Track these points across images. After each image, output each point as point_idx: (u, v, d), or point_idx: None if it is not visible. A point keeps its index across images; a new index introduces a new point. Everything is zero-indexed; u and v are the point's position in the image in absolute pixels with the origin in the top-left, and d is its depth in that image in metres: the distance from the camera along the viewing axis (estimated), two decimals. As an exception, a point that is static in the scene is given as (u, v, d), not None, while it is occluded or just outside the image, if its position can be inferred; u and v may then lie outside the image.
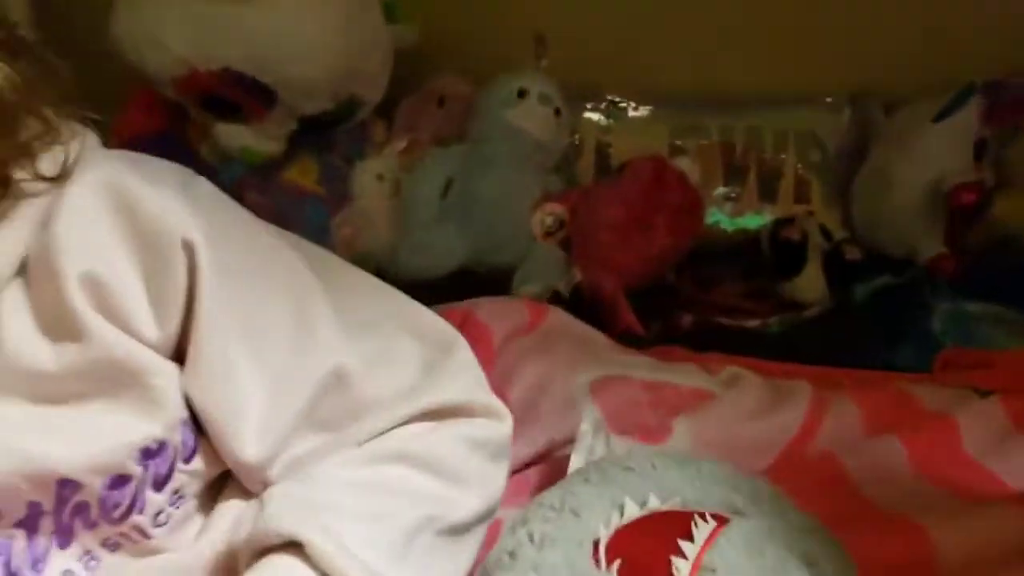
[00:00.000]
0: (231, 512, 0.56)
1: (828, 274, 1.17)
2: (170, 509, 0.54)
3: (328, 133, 1.21)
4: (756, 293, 1.18)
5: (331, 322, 0.55)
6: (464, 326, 0.89)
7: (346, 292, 0.58)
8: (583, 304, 1.12)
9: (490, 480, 0.58)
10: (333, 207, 1.20)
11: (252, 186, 1.15)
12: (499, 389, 0.63)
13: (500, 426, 0.59)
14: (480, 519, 0.57)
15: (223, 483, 0.57)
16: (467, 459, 0.57)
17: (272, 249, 0.57)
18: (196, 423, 0.54)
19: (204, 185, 0.56)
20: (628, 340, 1.04)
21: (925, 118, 1.20)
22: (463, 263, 1.19)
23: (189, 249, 0.51)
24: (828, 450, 0.79)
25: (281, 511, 0.50)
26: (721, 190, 1.26)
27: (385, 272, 1.18)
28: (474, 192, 1.19)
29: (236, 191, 0.71)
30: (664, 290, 1.17)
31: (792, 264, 1.17)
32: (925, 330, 1.08)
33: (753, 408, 0.83)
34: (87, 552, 0.53)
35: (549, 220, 1.20)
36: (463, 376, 0.59)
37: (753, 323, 1.13)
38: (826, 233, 1.20)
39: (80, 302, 0.50)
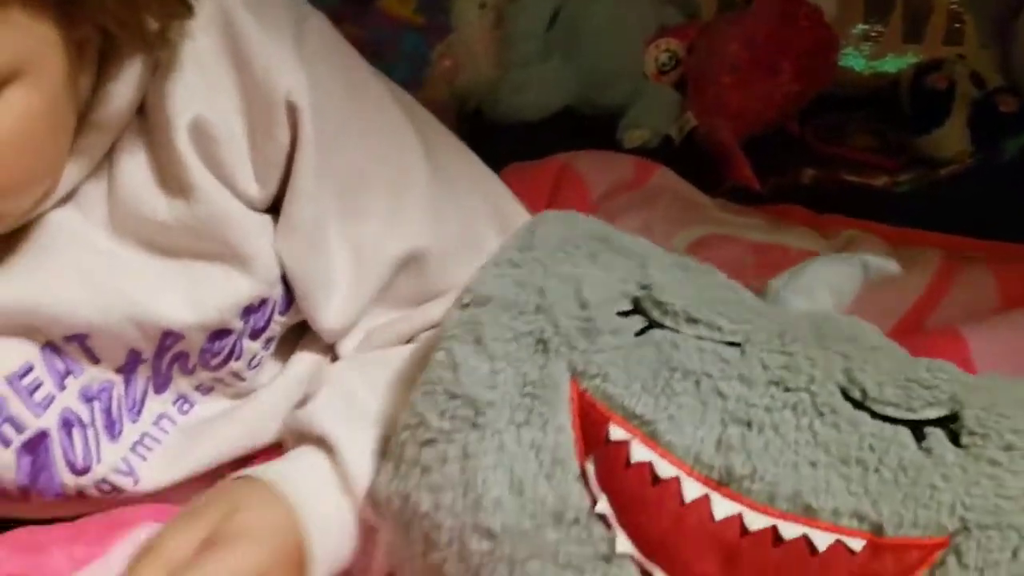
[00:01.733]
0: (307, 363, 0.57)
1: (976, 128, 1.04)
2: (263, 353, 0.56)
3: (428, -44, 1.13)
4: (888, 148, 1.07)
5: (423, 197, 0.54)
6: (561, 178, 0.84)
7: (440, 160, 0.56)
8: (695, 153, 1.04)
9: None
10: (433, 38, 1.13)
11: (346, 17, 1.08)
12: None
13: None
14: None
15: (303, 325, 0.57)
16: None
17: (378, 103, 0.55)
18: None
19: (315, 24, 0.53)
20: (741, 196, 0.96)
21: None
22: (568, 102, 1.12)
23: (292, 112, 0.49)
24: (950, 325, 0.71)
25: (320, 410, 0.50)
26: (860, 27, 1.13)
27: (485, 112, 1.13)
28: (582, 23, 1.11)
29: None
30: (784, 140, 1.08)
31: (933, 115, 1.04)
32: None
33: (869, 273, 0.75)
34: (181, 396, 0.55)
35: (664, 57, 1.11)
36: None
37: (881, 180, 1.03)
38: (978, 80, 1.06)
39: (189, 153, 0.49)
